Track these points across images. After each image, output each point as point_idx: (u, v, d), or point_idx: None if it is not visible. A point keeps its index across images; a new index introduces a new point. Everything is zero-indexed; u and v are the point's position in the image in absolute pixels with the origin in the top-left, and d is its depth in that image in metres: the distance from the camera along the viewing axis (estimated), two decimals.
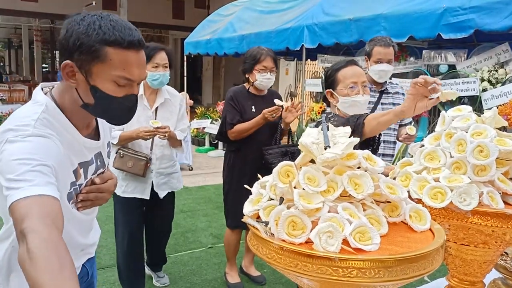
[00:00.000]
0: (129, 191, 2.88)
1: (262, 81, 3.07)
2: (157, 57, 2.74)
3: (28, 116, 1.12)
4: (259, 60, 3.05)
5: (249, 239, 0.91)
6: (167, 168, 3.01)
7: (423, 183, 1.09)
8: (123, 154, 2.78)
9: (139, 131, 2.70)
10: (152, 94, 2.88)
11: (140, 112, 2.66)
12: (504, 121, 1.21)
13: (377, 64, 2.97)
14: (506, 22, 3.67)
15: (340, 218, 0.83)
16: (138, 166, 2.78)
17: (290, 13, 6.26)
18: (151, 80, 2.75)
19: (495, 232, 1.05)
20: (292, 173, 0.92)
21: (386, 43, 2.99)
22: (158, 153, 2.92)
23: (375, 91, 3.02)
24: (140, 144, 2.83)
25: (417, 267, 0.79)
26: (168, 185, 3.04)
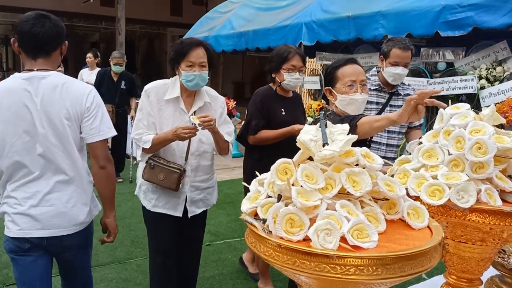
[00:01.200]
0: (160, 206, 2.52)
1: (291, 81, 2.88)
2: (192, 55, 2.37)
3: None
4: (287, 58, 2.87)
5: (247, 237, 0.91)
6: (204, 182, 2.59)
7: (421, 181, 1.09)
8: (154, 164, 2.43)
9: (177, 129, 2.30)
10: (189, 96, 2.50)
11: (175, 116, 2.43)
12: (502, 118, 1.21)
13: (393, 67, 2.85)
14: (505, 20, 3.67)
15: (338, 215, 0.83)
16: (170, 179, 2.41)
17: (288, 10, 6.25)
18: (185, 81, 2.39)
19: (492, 229, 1.05)
20: (290, 170, 0.91)
21: (406, 46, 2.86)
22: (194, 164, 2.51)
23: (385, 92, 2.94)
24: (173, 153, 2.46)
25: (415, 264, 0.79)
26: (203, 202, 2.63)
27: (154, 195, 2.52)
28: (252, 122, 2.93)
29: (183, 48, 2.37)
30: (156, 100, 2.43)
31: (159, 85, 2.48)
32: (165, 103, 2.43)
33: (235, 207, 5.04)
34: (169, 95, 2.43)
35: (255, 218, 0.89)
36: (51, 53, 1.91)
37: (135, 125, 2.46)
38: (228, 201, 5.30)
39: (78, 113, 1.91)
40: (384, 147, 2.88)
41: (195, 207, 2.58)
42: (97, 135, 1.96)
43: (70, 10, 14.78)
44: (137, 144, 2.44)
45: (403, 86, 3.01)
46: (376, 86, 2.95)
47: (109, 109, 5.94)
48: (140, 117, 2.45)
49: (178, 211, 2.53)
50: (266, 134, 2.87)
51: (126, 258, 3.84)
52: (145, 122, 2.42)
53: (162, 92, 2.44)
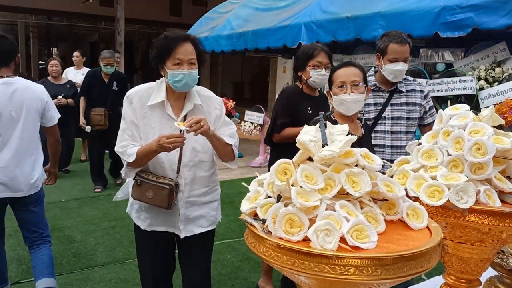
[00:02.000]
0: (157, 224, 2.23)
1: (317, 78, 2.82)
2: (179, 51, 2.06)
3: None
4: (313, 55, 2.82)
5: (246, 237, 0.91)
6: (202, 196, 2.26)
7: (420, 181, 1.09)
8: (140, 181, 2.13)
9: (160, 138, 2.00)
10: (178, 99, 2.18)
11: (162, 123, 2.13)
12: (501, 119, 1.21)
13: (392, 63, 2.70)
14: (504, 21, 3.68)
15: (337, 216, 0.83)
16: (160, 197, 2.10)
17: (288, 10, 6.25)
18: (172, 82, 2.07)
19: (491, 230, 1.05)
20: (289, 171, 0.92)
21: (403, 40, 2.71)
22: (188, 176, 2.18)
23: (383, 92, 2.82)
24: (162, 165, 2.15)
25: (414, 265, 0.79)
26: (206, 219, 2.29)
27: (149, 213, 2.24)
28: (278, 120, 2.90)
29: (168, 44, 2.07)
30: (139, 107, 2.13)
31: (142, 90, 2.18)
32: (150, 109, 2.13)
33: (234, 208, 5.04)
34: (153, 99, 2.13)
35: (255, 218, 0.89)
36: (9, 63, 2.75)
37: (119, 136, 2.18)
38: (227, 202, 5.30)
39: (42, 107, 2.85)
40: (389, 149, 2.75)
41: (194, 225, 2.25)
42: (53, 120, 2.95)
43: (69, 10, 14.78)
44: (122, 158, 2.15)
45: (406, 82, 2.87)
46: (372, 86, 2.81)
47: (101, 112, 5.63)
48: (124, 126, 2.17)
49: (176, 228, 2.23)
50: (290, 131, 2.81)
51: (124, 258, 3.84)
52: (129, 132, 2.14)
53: (146, 97, 2.14)
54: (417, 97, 2.83)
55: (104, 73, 5.78)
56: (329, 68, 2.82)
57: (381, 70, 2.78)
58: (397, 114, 2.79)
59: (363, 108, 2.75)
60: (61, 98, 6.10)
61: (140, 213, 2.27)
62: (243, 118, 7.67)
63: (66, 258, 3.86)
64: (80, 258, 3.86)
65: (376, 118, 2.79)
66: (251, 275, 3.62)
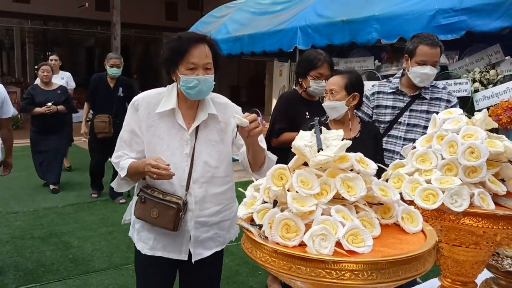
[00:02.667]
0: (159, 248, 2.00)
1: (316, 88, 2.86)
2: (193, 54, 1.82)
3: None
4: (316, 66, 2.84)
5: (243, 242, 0.92)
6: (214, 216, 2.01)
7: (415, 185, 1.10)
8: (145, 198, 1.92)
9: (145, 165, 1.81)
10: (191, 108, 1.96)
11: (172, 134, 1.93)
12: (494, 123, 1.22)
13: (420, 66, 2.59)
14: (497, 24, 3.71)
15: (333, 220, 0.84)
16: (166, 217, 1.87)
17: (283, 14, 6.27)
18: (185, 89, 1.86)
19: (486, 233, 1.06)
20: (285, 176, 0.92)
21: (434, 42, 2.58)
22: (199, 193, 1.95)
23: (404, 96, 2.71)
24: (171, 181, 1.90)
25: (409, 268, 0.80)
26: (214, 241, 2.06)
27: (151, 234, 2.00)
28: (276, 125, 2.93)
29: (182, 45, 1.84)
30: (146, 114, 1.94)
31: (151, 95, 1.98)
32: (158, 118, 1.93)
33: None
34: (162, 107, 1.92)
35: (251, 224, 0.90)
36: None
37: (117, 144, 2.02)
38: None
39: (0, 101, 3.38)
40: (397, 156, 2.64)
41: (202, 248, 2.02)
42: (8, 114, 3.52)
43: (65, 15, 14.78)
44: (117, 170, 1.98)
45: (433, 89, 2.72)
46: (393, 89, 2.76)
47: (105, 119, 5.34)
48: (122, 134, 2.00)
49: (182, 253, 1.99)
50: (288, 136, 2.83)
51: (122, 263, 3.84)
52: (127, 140, 1.98)
53: (155, 104, 1.95)
54: (442, 107, 2.65)
55: (110, 77, 5.50)
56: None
57: (407, 72, 2.67)
58: (414, 121, 2.69)
59: (379, 110, 2.76)
60: (51, 105, 5.76)
61: (142, 233, 2.04)
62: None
63: (63, 264, 3.85)
64: (78, 264, 3.85)
65: (392, 122, 2.73)
66: (249, 279, 3.62)
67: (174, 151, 1.93)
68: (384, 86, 2.83)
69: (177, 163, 1.90)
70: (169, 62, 1.90)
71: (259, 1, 7.13)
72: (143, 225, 2.02)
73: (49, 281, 3.53)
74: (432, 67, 2.59)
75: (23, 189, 6.07)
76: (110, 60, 5.45)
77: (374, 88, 2.86)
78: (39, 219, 4.99)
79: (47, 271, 3.69)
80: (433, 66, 2.60)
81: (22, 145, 8.15)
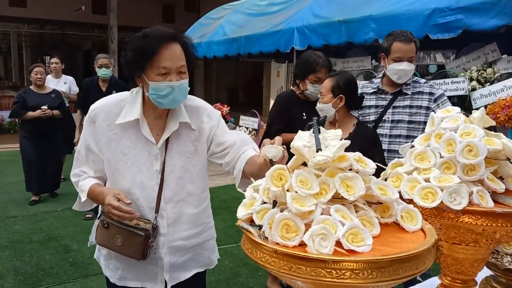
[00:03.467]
0: (130, 278, 1.75)
1: (313, 92, 2.89)
2: (165, 56, 1.54)
3: None
4: (314, 70, 2.87)
5: (243, 243, 0.92)
6: (191, 238, 1.77)
7: (414, 184, 1.10)
8: (107, 222, 1.66)
9: (106, 203, 1.58)
10: (159, 118, 1.70)
11: (137, 148, 1.66)
12: (492, 121, 1.23)
13: (396, 63, 2.62)
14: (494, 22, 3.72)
15: (333, 220, 0.84)
16: (132, 246, 1.62)
17: (280, 15, 6.28)
18: (156, 97, 1.58)
19: (485, 230, 1.07)
20: (284, 176, 0.92)
21: (407, 38, 2.61)
22: (172, 215, 1.70)
23: (386, 94, 2.75)
24: (138, 202, 1.66)
25: (409, 267, 0.80)
26: (196, 261, 1.83)
27: (119, 263, 1.75)
28: (273, 126, 2.95)
29: (149, 45, 1.53)
30: (106, 126, 1.65)
31: (111, 103, 1.69)
32: (121, 130, 1.65)
33: (231, 213, 5.04)
34: (123, 117, 1.64)
35: (251, 224, 0.90)
36: None
37: (75, 160, 1.76)
38: (223, 207, 5.29)
39: None
40: (385, 153, 2.67)
41: (181, 270, 1.77)
42: None
43: (62, 19, 14.77)
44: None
45: (414, 85, 2.73)
46: (374, 89, 2.81)
47: None
48: (79, 149, 1.75)
49: (158, 281, 1.74)
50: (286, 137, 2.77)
51: None
52: (84, 158, 1.73)
53: (116, 113, 1.66)
54: (424, 100, 2.67)
55: (101, 80, 5.18)
56: None
57: (385, 70, 2.71)
58: (398, 117, 2.72)
59: (364, 110, 2.81)
60: (46, 109, 5.45)
61: (109, 261, 1.79)
62: (238, 123, 7.68)
63: (62, 267, 3.84)
64: (77, 268, 3.85)
65: (377, 121, 2.77)
66: (249, 280, 3.62)
67: (141, 168, 1.66)
68: (366, 87, 2.88)
69: (144, 182, 1.66)
70: (133, 66, 1.59)
71: (255, 2, 7.13)
72: (110, 252, 1.75)
73: (48, 285, 3.53)
74: (409, 63, 2.61)
75: (21, 193, 6.05)
76: (98, 61, 5.13)
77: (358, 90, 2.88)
78: (38, 223, 4.98)
79: (46, 275, 3.69)
80: (410, 62, 2.61)
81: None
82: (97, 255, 1.88)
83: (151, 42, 1.54)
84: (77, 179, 1.74)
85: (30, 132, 5.58)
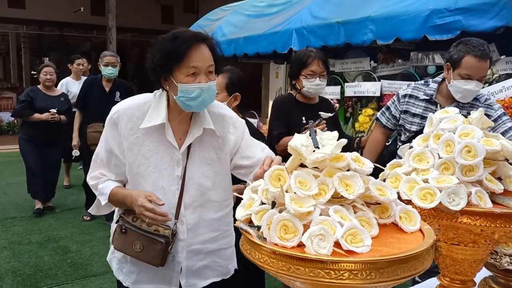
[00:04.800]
0: (145, 280, 1.73)
1: (310, 87, 2.68)
2: (195, 56, 1.53)
3: None
4: (306, 63, 2.67)
5: (241, 244, 0.92)
6: (210, 242, 1.74)
7: (412, 184, 1.10)
8: (125, 228, 1.63)
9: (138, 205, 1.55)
10: (183, 122, 1.67)
11: (160, 153, 1.63)
12: (490, 121, 1.23)
13: (464, 80, 2.21)
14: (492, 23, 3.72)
15: (331, 220, 0.84)
16: (151, 252, 1.60)
17: (279, 16, 6.28)
18: (185, 100, 1.55)
19: (484, 231, 1.07)
20: (283, 177, 0.92)
21: (484, 54, 2.17)
22: (191, 220, 1.68)
23: (437, 106, 2.36)
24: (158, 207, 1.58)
25: (408, 267, 0.80)
26: (213, 270, 1.78)
27: (135, 267, 1.72)
28: (274, 132, 2.81)
29: (179, 48, 1.52)
30: (128, 130, 1.62)
31: (134, 106, 1.65)
32: (144, 134, 1.62)
33: None
34: (149, 121, 1.61)
35: (250, 225, 0.90)
36: None
37: (93, 163, 1.71)
38: None
39: None
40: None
41: (198, 278, 1.74)
42: None
43: (61, 20, 14.76)
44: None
45: (472, 103, 2.34)
46: (427, 96, 2.43)
47: (100, 128, 4.25)
48: (99, 150, 1.70)
49: (173, 285, 1.72)
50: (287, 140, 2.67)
51: None
52: (104, 158, 1.68)
53: (139, 117, 1.62)
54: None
55: (105, 80, 4.74)
56: (325, 76, 2.70)
57: (448, 84, 2.31)
58: None
59: (406, 117, 2.49)
60: (55, 112, 5.00)
61: (123, 265, 1.76)
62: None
63: (61, 268, 3.84)
64: (76, 269, 3.84)
65: (417, 133, 2.31)
66: None
67: (162, 173, 1.63)
68: (418, 90, 2.51)
69: (165, 186, 1.64)
70: (162, 69, 1.56)
71: (254, 4, 7.14)
72: (125, 256, 1.72)
73: (47, 286, 3.52)
74: (478, 82, 2.21)
75: (20, 195, 6.04)
76: (104, 59, 4.67)
77: (408, 89, 2.56)
78: (37, 224, 4.97)
79: (45, 276, 3.68)
80: (480, 81, 2.22)
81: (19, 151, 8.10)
82: (110, 257, 1.84)
83: (181, 43, 1.52)
84: (96, 181, 1.70)
85: (32, 135, 5.16)
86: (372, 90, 5.25)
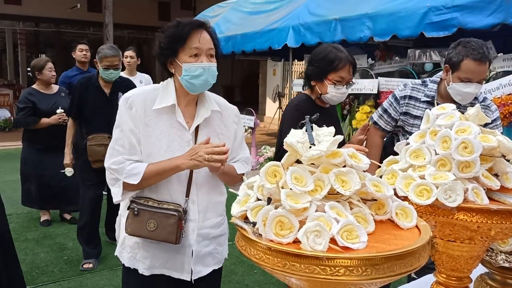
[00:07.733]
0: (158, 266, 1.77)
1: (335, 95, 2.28)
2: (196, 38, 1.67)
3: None
4: (337, 68, 2.23)
5: (237, 240, 0.91)
6: (214, 228, 1.83)
7: (409, 181, 1.10)
8: (138, 209, 1.69)
9: (194, 151, 1.63)
10: (189, 105, 1.78)
11: (171, 134, 1.72)
12: (487, 118, 1.23)
13: (463, 83, 2.20)
14: (489, 20, 3.73)
15: (327, 217, 0.83)
16: (166, 228, 1.65)
17: (276, 13, 6.28)
18: (189, 78, 1.68)
19: (480, 228, 1.06)
20: (279, 173, 0.92)
21: (483, 57, 2.14)
22: (202, 201, 1.77)
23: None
24: (169, 186, 1.71)
25: (404, 264, 0.80)
26: (213, 257, 1.85)
27: (148, 252, 1.76)
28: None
29: (182, 31, 1.66)
30: (143, 112, 1.70)
31: (146, 92, 1.76)
32: (155, 116, 1.71)
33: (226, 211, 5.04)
34: (160, 103, 1.71)
35: (245, 221, 0.89)
36: None
37: (110, 149, 1.73)
38: None
39: None
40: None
41: (202, 265, 1.81)
42: None
43: (57, 16, 14.71)
44: (115, 177, 1.69)
45: (472, 102, 2.34)
46: (428, 97, 2.39)
47: (104, 141, 3.54)
48: (118, 136, 1.72)
49: (185, 272, 1.77)
50: None
51: (117, 264, 3.81)
52: (126, 143, 1.70)
53: (151, 100, 1.72)
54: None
55: (104, 81, 3.77)
56: (351, 84, 2.32)
57: (447, 86, 2.29)
58: None
59: (408, 120, 2.46)
60: (63, 112, 4.40)
61: (136, 252, 1.79)
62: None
63: (58, 265, 3.83)
64: (72, 266, 3.83)
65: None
66: (244, 278, 3.62)
67: (175, 154, 1.70)
68: (417, 91, 2.46)
69: None
70: (168, 52, 1.70)
71: (252, 0, 7.13)
72: (137, 242, 1.77)
73: (43, 283, 3.51)
74: (478, 85, 2.20)
75: (16, 191, 6.01)
76: (103, 60, 3.68)
77: (406, 90, 2.48)
78: (33, 221, 4.96)
79: (41, 273, 3.67)
80: (479, 83, 2.21)
81: (16, 147, 8.08)
82: (119, 250, 1.86)
83: (184, 28, 1.67)
84: (119, 165, 1.68)
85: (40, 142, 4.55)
86: (370, 88, 5.25)
